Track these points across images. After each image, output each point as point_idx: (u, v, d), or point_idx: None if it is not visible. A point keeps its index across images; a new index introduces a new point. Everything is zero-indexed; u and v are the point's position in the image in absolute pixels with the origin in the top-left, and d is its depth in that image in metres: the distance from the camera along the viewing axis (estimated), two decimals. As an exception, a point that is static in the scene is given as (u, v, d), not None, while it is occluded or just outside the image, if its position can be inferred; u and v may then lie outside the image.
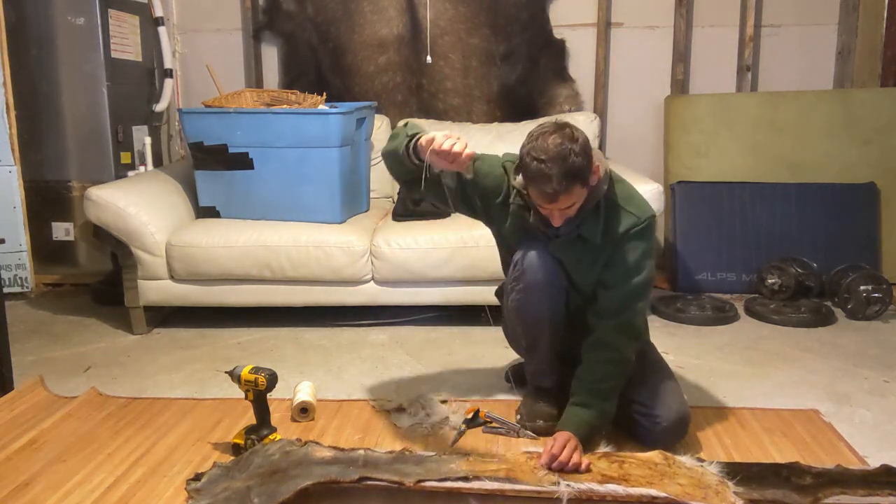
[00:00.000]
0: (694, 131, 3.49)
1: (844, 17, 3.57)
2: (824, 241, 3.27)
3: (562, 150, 1.61)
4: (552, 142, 1.63)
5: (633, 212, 1.81)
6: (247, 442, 1.85)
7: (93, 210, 2.80)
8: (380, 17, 3.63)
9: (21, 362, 2.52)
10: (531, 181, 1.66)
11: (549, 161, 1.61)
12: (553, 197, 1.65)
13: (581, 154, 1.63)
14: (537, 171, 1.63)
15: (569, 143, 1.63)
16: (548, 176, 1.62)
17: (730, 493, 1.58)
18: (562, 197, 1.65)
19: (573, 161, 1.62)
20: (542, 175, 1.62)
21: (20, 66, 3.24)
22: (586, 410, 1.80)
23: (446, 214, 3.01)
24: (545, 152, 1.62)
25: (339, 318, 2.96)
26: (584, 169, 1.65)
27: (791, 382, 2.34)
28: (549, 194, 1.65)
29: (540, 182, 1.64)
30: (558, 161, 1.61)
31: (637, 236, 1.80)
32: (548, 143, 1.63)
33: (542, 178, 1.63)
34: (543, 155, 1.62)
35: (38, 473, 1.79)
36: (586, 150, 1.65)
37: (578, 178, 1.64)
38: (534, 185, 1.66)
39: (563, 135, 1.64)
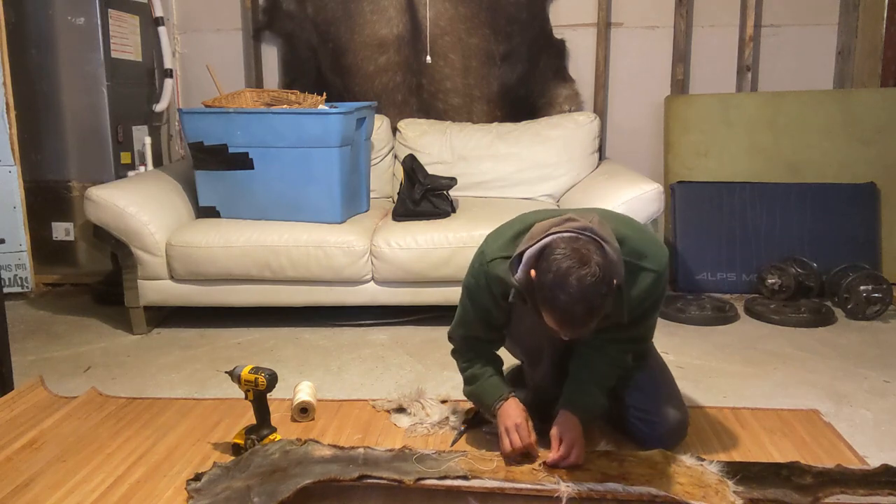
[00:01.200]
0: (694, 131, 3.49)
1: (844, 17, 3.57)
2: (824, 241, 3.27)
3: (587, 292, 1.48)
4: (577, 282, 1.48)
5: (650, 268, 1.71)
6: (247, 442, 1.85)
7: (93, 210, 2.80)
8: (380, 17, 3.63)
9: (21, 362, 2.52)
10: (551, 313, 1.54)
11: (575, 303, 1.49)
12: (575, 334, 1.57)
13: (606, 291, 1.51)
14: (562, 310, 1.51)
15: (594, 281, 1.49)
16: (572, 316, 1.52)
17: (729, 492, 1.58)
18: (584, 332, 1.57)
19: (599, 301, 1.51)
20: (566, 314, 1.52)
21: (20, 66, 3.24)
22: (587, 396, 1.80)
23: (446, 214, 3.01)
24: (570, 294, 1.49)
25: (339, 318, 2.96)
26: (608, 302, 1.54)
27: (791, 382, 2.34)
28: (570, 332, 1.56)
29: (563, 320, 1.53)
30: (583, 302, 1.49)
31: (656, 289, 1.74)
32: (573, 283, 1.48)
33: (566, 318, 1.52)
34: (568, 297, 1.49)
35: (38, 473, 1.79)
36: (609, 282, 1.52)
37: (601, 312, 1.54)
38: (554, 320, 1.55)
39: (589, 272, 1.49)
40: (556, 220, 1.61)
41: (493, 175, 3.41)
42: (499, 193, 3.40)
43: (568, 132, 3.41)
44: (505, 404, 1.82)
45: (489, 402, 1.86)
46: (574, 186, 3.33)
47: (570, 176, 3.36)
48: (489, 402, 1.86)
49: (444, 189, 3.08)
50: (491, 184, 3.41)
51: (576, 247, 1.52)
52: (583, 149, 3.40)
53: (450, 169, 3.35)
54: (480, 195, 3.39)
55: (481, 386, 1.89)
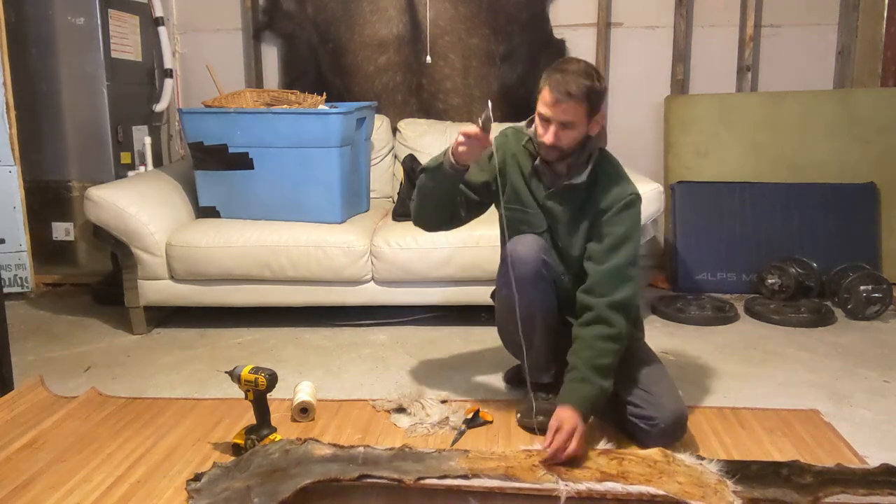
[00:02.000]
0: (694, 131, 3.49)
1: (844, 17, 3.57)
2: (824, 241, 3.28)
3: (585, 71, 1.81)
4: (576, 62, 1.85)
5: (621, 184, 1.92)
6: (247, 442, 1.85)
7: (93, 210, 2.80)
8: (380, 17, 3.63)
9: (21, 362, 2.52)
10: (547, 83, 1.81)
11: (571, 71, 1.80)
12: (564, 97, 1.79)
13: (599, 84, 1.83)
14: (557, 76, 1.80)
15: (593, 70, 1.83)
16: (566, 77, 1.79)
17: (728, 491, 1.58)
18: (570, 102, 1.79)
19: (591, 82, 1.80)
20: (562, 76, 1.79)
21: (20, 66, 3.24)
22: (587, 386, 1.79)
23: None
24: (569, 65, 1.83)
25: (339, 318, 2.96)
26: (598, 95, 1.82)
27: (791, 382, 2.34)
28: (560, 93, 1.78)
29: (556, 82, 1.79)
30: (581, 73, 1.80)
31: (624, 207, 1.88)
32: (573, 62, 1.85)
33: (562, 79, 1.79)
34: (568, 66, 1.82)
35: (38, 473, 1.79)
36: (603, 87, 1.86)
37: (589, 97, 1.80)
38: (548, 86, 1.81)
39: (589, 65, 1.85)
40: None
41: (493, 175, 3.41)
42: (499, 193, 3.40)
43: (568, 132, 3.41)
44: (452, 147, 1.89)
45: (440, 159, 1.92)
46: (574, 186, 3.32)
47: (570, 176, 3.36)
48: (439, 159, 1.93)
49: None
50: (491, 184, 3.41)
51: None
52: (583, 149, 3.39)
53: (450, 169, 3.35)
54: (480, 195, 3.39)
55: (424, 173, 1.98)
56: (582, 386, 1.80)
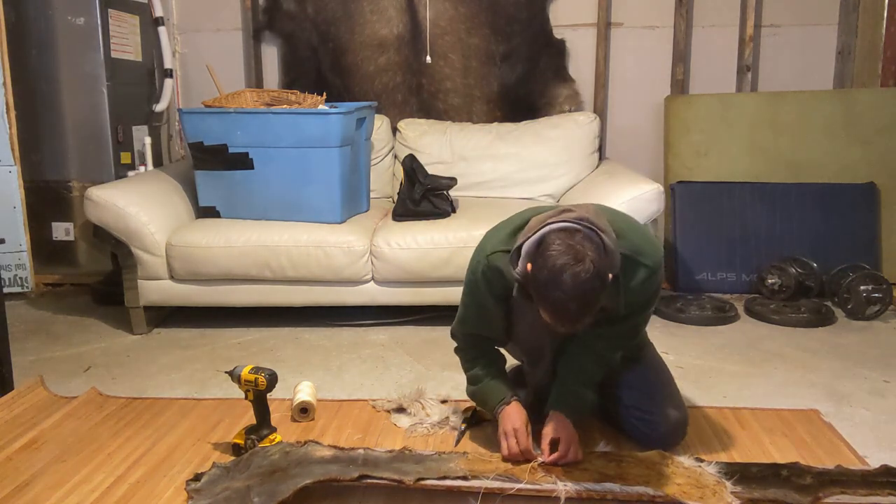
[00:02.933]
0: (694, 131, 3.49)
1: (844, 17, 3.57)
2: (824, 241, 3.27)
3: (581, 288, 1.49)
4: (571, 278, 1.49)
5: (646, 264, 1.71)
6: (247, 442, 1.85)
7: (93, 210, 2.80)
8: (380, 17, 3.63)
9: (21, 362, 2.52)
10: (546, 309, 1.55)
11: (569, 300, 1.50)
12: (571, 329, 1.58)
13: (600, 286, 1.52)
14: (555, 306, 1.53)
15: (589, 277, 1.49)
16: (567, 312, 1.53)
17: (727, 492, 1.58)
18: (579, 326, 1.58)
19: (593, 296, 1.52)
20: (561, 310, 1.53)
21: (20, 66, 3.24)
22: (575, 397, 1.81)
23: (446, 214, 3.01)
24: (564, 291, 1.49)
25: (339, 318, 2.96)
26: (602, 297, 1.55)
27: (791, 382, 2.34)
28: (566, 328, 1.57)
29: (558, 317, 1.55)
30: (578, 299, 1.50)
31: (650, 284, 1.74)
32: (567, 280, 1.49)
33: (561, 314, 1.54)
34: (562, 294, 1.50)
35: (38, 473, 1.79)
36: (603, 278, 1.53)
37: (596, 307, 1.56)
38: (550, 315, 1.56)
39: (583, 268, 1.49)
40: (552, 213, 1.63)
41: (493, 175, 3.41)
42: (499, 193, 3.40)
43: (568, 132, 3.41)
44: (507, 408, 1.83)
45: (491, 405, 1.87)
46: (574, 186, 3.33)
47: (569, 176, 3.36)
48: (492, 404, 1.87)
49: (444, 189, 3.08)
50: (491, 184, 3.41)
51: (570, 242, 1.52)
52: (583, 149, 3.40)
53: (450, 169, 3.35)
54: (480, 195, 3.39)
55: (484, 387, 1.90)
56: (572, 395, 1.81)
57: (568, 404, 1.80)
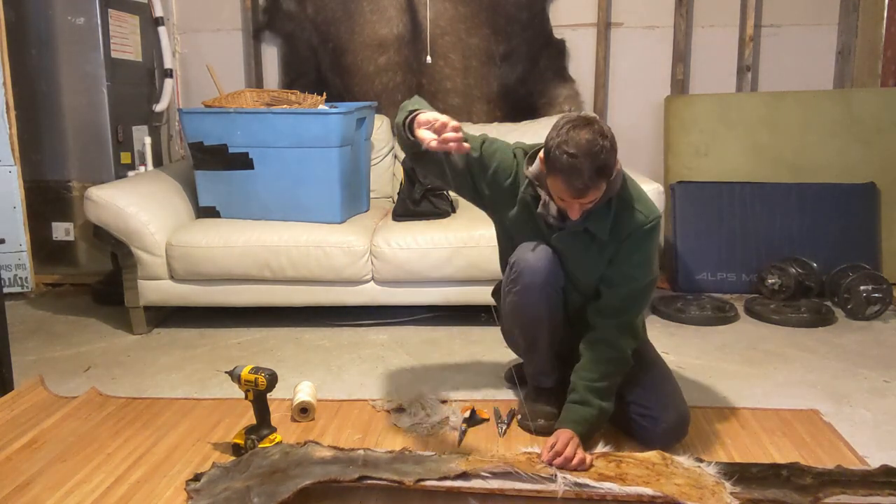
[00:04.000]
0: (694, 131, 3.49)
1: (844, 17, 3.57)
2: (824, 241, 3.27)
3: (593, 145, 1.59)
4: (584, 136, 1.60)
5: (641, 210, 1.79)
6: (247, 442, 1.85)
7: (93, 210, 2.80)
8: (380, 17, 3.63)
9: (21, 362, 2.52)
10: (559, 173, 1.62)
11: (582, 156, 1.58)
12: (582, 192, 1.63)
13: (611, 150, 1.63)
14: (568, 164, 1.59)
15: (600, 138, 1.61)
16: (579, 170, 1.59)
17: (726, 493, 1.58)
18: (590, 192, 1.63)
19: (604, 157, 1.60)
20: (573, 169, 1.59)
21: (20, 66, 3.24)
22: (585, 408, 1.80)
23: (446, 214, 3.01)
24: (577, 146, 1.59)
25: (339, 318, 2.96)
26: (612, 164, 1.65)
27: (791, 382, 2.34)
28: (578, 189, 1.62)
29: (570, 176, 1.60)
30: (590, 156, 1.59)
31: (644, 235, 1.79)
32: (580, 137, 1.60)
33: (573, 173, 1.60)
34: (574, 149, 1.59)
35: (38, 473, 1.79)
36: (614, 145, 1.65)
37: (606, 173, 1.63)
38: (562, 179, 1.62)
39: (593, 130, 1.62)
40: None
41: (493, 175, 3.41)
42: (499, 193, 3.40)
43: (568, 132, 3.41)
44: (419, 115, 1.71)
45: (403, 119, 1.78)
46: (574, 186, 3.32)
47: (570, 176, 3.36)
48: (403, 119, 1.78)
49: (444, 189, 3.08)
50: (491, 184, 3.41)
51: (585, 116, 1.65)
52: (583, 149, 3.39)
53: (450, 169, 3.35)
54: (480, 195, 3.39)
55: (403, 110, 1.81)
56: (581, 408, 1.80)
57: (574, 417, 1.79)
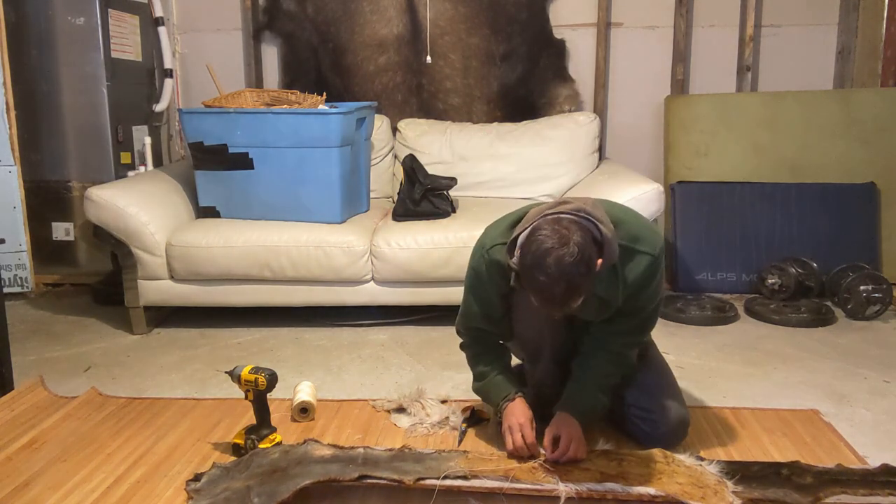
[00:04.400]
0: (694, 131, 3.49)
1: (844, 17, 3.57)
2: (824, 241, 3.27)
3: (564, 271, 1.51)
4: (554, 261, 1.51)
5: (645, 251, 1.72)
6: (247, 442, 1.85)
7: (93, 210, 2.80)
8: (380, 17, 3.63)
9: (21, 362, 2.52)
10: (532, 292, 1.58)
11: (552, 283, 1.52)
12: (560, 310, 1.60)
13: (585, 271, 1.53)
14: (540, 289, 1.55)
15: (571, 260, 1.51)
16: (552, 294, 1.54)
17: (728, 492, 1.58)
18: (567, 308, 1.59)
19: (576, 280, 1.53)
20: (544, 293, 1.55)
21: (20, 66, 3.24)
22: (588, 396, 1.81)
23: (446, 214, 3.01)
24: (547, 273, 1.52)
25: (339, 318, 2.96)
26: (588, 283, 1.57)
27: (791, 382, 2.34)
28: (555, 309, 1.59)
29: (544, 299, 1.57)
30: (561, 281, 1.52)
31: (652, 272, 1.74)
32: (550, 263, 1.51)
33: (545, 296, 1.56)
34: (545, 276, 1.52)
35: (38, 473, 1.79)
36: (589, 262, 1.54)
37: (580, 292, 1.57)
38: (537, 300, 1.59)
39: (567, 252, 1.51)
40: (550, 204, 1.64)
41: (493, 175, 3.41)
42: (499, 193, 3.40)
43: (568, 132, 3.41)
44: (511, 404, 1.83)
45: (496, 401, 1.88)
46: (574, 186, 3.33)
47: (570, 176, 3.36)
48: (496, 400, 1.88)
49: (444, 189, 3.08)
50: (491, 184, 3.41)
51: (557, 227, 1.54)
52: (583, 149, 3.40)
53: (450, 169, 3.35)
54: (480, 195, 3.39)
55: (489, 383, 1.91)
56: (584, 396, 1.81)
57: (576, 405, 1.80)
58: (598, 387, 1.82)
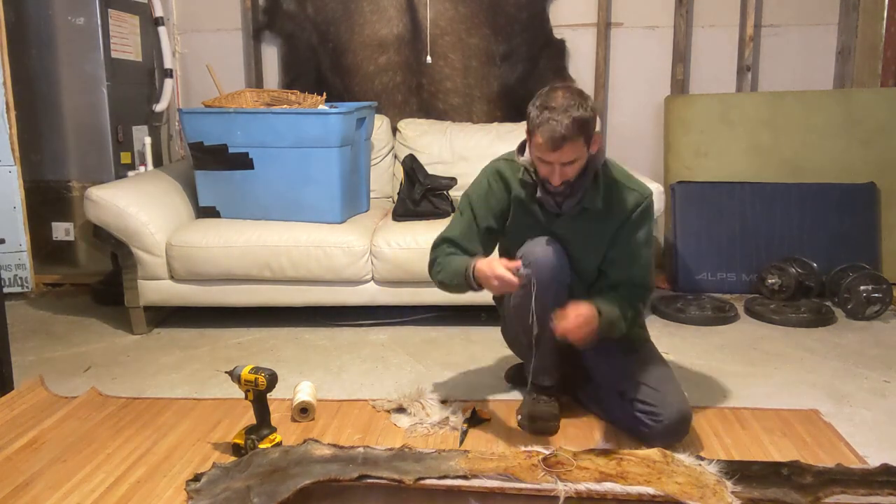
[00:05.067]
0: (694, 131, 3.49)
1: (844, 17, 3.57)
2: (824, 241, 3.27)
3: (570, 102, 1.71)
4: (561, 94, 1.73)
5: (635, 188, 1.89)
6: (247, 442, 1.85)
7: (93, 210, 2.80)
8: (380, 17, 3.63)
9: (21, 362, 2.52)
10: (539, 129, 1.72)
11: (559, 109, 1.70)
12: (559, 142, 1.71)
13: (588, 108, 1.73)
14: (546, 118, 1.71)
15: (577, 97, 1.73)
16: (556, 122, 1.70)
17: (727, 492, 1.58)
18: (567, 145, 1.71)
19: (580, 113, 1.70)
20: (550, 121, 1.70)
21: (20, 66, 3.24)
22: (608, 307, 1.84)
23: (446, 214, 3.01)
24: (554, 101, 1.71)
25: (339, 318, 2.96)
26: (590, 122, 1.74)
27: (791, 382, 2.34)
28: (555, 139, 1.70)
29: (548, 128, 1.70)
30: (568, 109, 1.70)
31: (643, 214, 1.88)
32: (557, 95, 1.73)
33: (551, 125, 1.70)
34: (553, 103, 1.71)
35: (38, 473, 1.79)
36: (592, 107, 1.75)
37: (584, 129, 1.72)
38: (541, 133, 1.72)
39: (571, 90, 1.75)
40: None
41: (493, 175, 3.41)
42: (499, 193, 3.40)
43: (568, 132, 3.41)
44: (479, 263, 1.83)
45: (460, 270, 1.88)
46: (574, 186, 3.33)
47: (570, 176, 3.36)
48: (460, 270, 1.88)
49: (444, 189, 3.08)
50: (491, 184, 3.41)
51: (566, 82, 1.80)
52: (583, 149, 3.39)
53: (450, 169, 3.35)
54: (480, 195, 3.39)
55: (449, 267, 1.93)
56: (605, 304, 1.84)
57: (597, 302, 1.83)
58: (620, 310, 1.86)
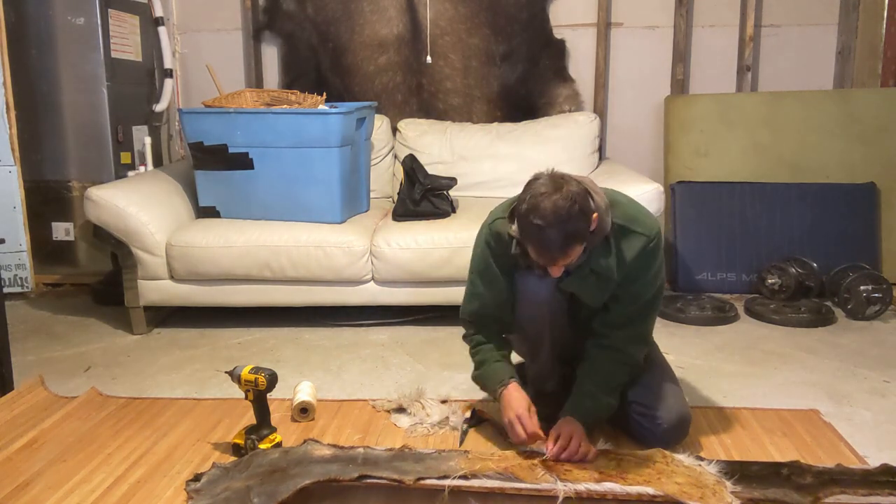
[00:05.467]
0: (694, 131, 3.49)
1: (844, 17, 3.57)
2: (824, 241, 3.27)
3: (559, 214, 1.58)
4: (550, 204, 1.59)
5: (641, 232, 1.77)
6: (247, 442, 1.85)
7: (93, 210, 2.80)
8: (380, 17, 3.63)
9: (21, 362, 2.52)
10: (529, 242, 1.65)
11: (548, 227, 1.58)
12: (555, 259, 1.65)
13: (579, 215, 1.61)
14: (536, 231, 1.61)
15: (567, 204, 1.59)
16: (547, 238, 1.60)
17: (727, 492, 1.58)
18: (560, 259, 1.65)
19: (573, 225, 1.60)
20: (541, 237, 1.61)
21: (20, 66, 3.24)
22: (591, 400, 1.81)
23: (446, 214, 3.01)
24: (543, 217, 1.58)
25: (339, 318, 2.96)
26: (583, 230, 1.63)
27: (791, 382, 2.34)
28: (550, 258, 1.65)
29: (539, 245, 1.63)
30: (557, 225, 1.58)
31: (649, 255, 1.78)
32: (546, 206, 1.59)
33: (541, 242, 1.62)
34: (541, 220, 1.59)
35: (38, 473, 1.79)
36: (584, 209, 1.62)
37: (577, 239, 1.63)
38: (532, 246, 1.65)
39: (561, 196, 1.60)
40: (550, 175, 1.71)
41: (493, 175, 3.41)
42: (499, 193, 3.38)
43: (568, 132, 3.41)
44: (506, 391, 1.84)
45: (491, 388, 1.89)
46: (574, 186, 3.32)
47: (570, 176, 3.36)
48: (492, 386, 1.89)
49: (444, 189, 3.08)
50: (491, 184, 3.41)
51: (553, 177, 1.66)
52: (583, 149, 3.40)
53: (450, 169, 3.35)
54: (480, 195, 3.39)
55: (486, 371, 1.92)
56: (587, 400, 1.81)
57: (579, 409, 1.80)
58: (603, 389, 1.82)
